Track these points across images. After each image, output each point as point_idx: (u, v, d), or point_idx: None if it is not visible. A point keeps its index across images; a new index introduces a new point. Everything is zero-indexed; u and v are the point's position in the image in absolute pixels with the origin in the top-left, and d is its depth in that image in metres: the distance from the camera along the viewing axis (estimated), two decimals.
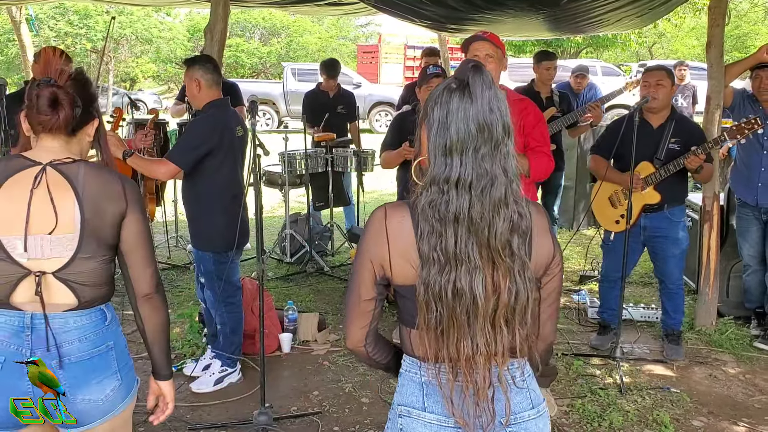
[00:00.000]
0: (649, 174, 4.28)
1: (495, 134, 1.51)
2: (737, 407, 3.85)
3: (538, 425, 1.65)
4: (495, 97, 1.53)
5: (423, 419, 1.61)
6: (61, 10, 26.32)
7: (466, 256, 1.50)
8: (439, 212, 1.51)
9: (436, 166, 1.53)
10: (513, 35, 10.95)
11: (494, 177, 1.51)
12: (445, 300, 1.51)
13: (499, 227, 1.51)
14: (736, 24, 26.21)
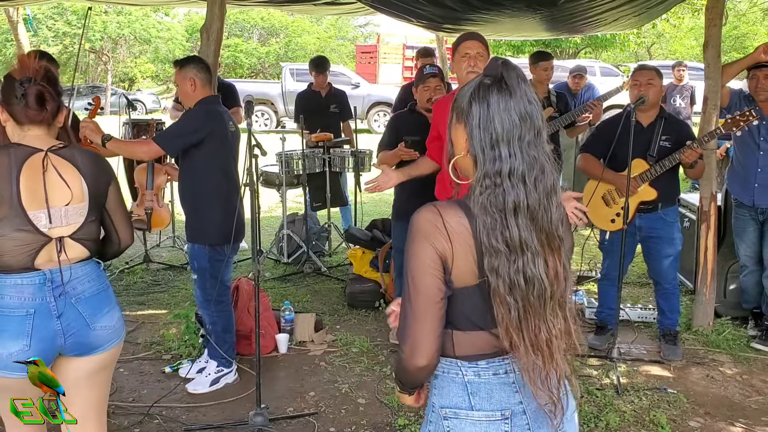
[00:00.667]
0: (644, 171, 4.28)
1: (537, 122, 1.57)
2: (734, 408, 3.84)
3: (569, 402, 1.70)
4: (529, 89, 1.60)
5: (471, 418, 1.62)
6: (59, 10, 26.32)
7: (529, 244, 1.55)
8: (498, 204, 1.54)
9: (486, 161, 1.56)
10: (511, 35, 10.96)
11: (543, 165, 1.57)
12: (519, 288, 1.54)
13: (554, 213, 1.58)
14: (734, 24, 26.25)
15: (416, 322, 1.58)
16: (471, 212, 1.57)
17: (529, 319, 1.55)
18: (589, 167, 4.49)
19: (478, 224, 1.55)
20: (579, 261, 6.67)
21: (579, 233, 7.54)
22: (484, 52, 3.42)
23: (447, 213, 1.57)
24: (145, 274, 6.11)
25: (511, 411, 1.61)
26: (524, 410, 1.62)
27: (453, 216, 1.57)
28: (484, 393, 1.61)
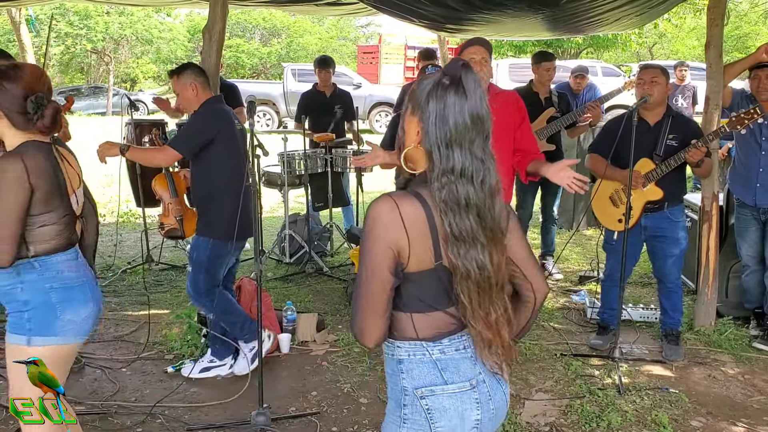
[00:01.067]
0: (650, 170, 4.29)
1: (486, 127, 1.71)
2: (736, 408, 3.84)
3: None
4: (484, 94, 1.72)
5: (447, 392, 1.74)
6: (61, 10, 26.32)
7: (478, 236, 1.69)
8: (453, 199, 1.67)
9: (442, 159, 1.68)
10: (512, 35, 10.96)
11: (489, 167, 1.71)
12: (474, 274, 1.69)
13: (497, 210, 1.72)
14: (736, 24, 26.23)
15: (366, 309, 1.71)
16: (425, 201, 1.69)
17: (482, 302, 1.72)
18: (597, 167, 4.49)
19: (436, 215, 1.68)
20: (581, 261, 6.68)
21: (582, 233, 7.56)
22: (488, 58, 3.51)
23: (403, 204, 1.68)
24: (147, 274, 6.12)
25: (476, 380, 1.78)
26: (483, 379, 1.79)
27: (409, 206, 1.68)
28: (452, 367, 1.76)
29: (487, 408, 1.79)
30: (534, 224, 7.10)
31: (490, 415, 1.80)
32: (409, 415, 1.76)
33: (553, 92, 6.05)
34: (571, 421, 3.66)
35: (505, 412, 1.89)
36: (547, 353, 4.53)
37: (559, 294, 5.79)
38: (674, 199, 4.41)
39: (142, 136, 6.30)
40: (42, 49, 25.92)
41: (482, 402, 1.78)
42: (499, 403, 1.83)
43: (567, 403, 3.84)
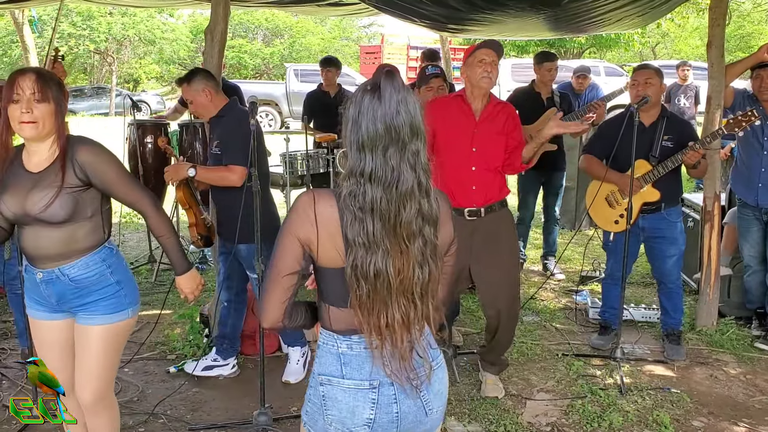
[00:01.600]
0: (647, 172, 4.29)
1: (402, 135, 1.69)
2: (738, 408, 3.84)
3: (438, 375, 1.89)
4: (403, 101, 1.70)
5: (342, 385, 1.80)
6: (64, 11, 26.34)
7: (381, 241, 1.69)
8: (359, 202, 1.69)
9: (352, 160, 1.71)
10: (514, 35, 10.95)
11: (401, 173, 1.68)
12: (369, 279, 1.70)
13: (405, 217, 1.70)
14: (739, 24, 26.19)
15: (267, 290, 1.82)
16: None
17: (374, 306, 1.72)
18: (591, 168, 4.49)
19: (344, 217, 1.72)
20: (582, 261, 6.68)
21: (584, 233, 7.55)
22: (497, 62, 3.61)
23: (320, 200, 1.75)
24: (149, 274, 6.13)
25: (380, 381, 1.79)
26: (392, 382, 1.79)
27: (325, 204, 1.74)
28: (356, 364, 1.80)
29: (387, 410, 1.80)
30: (536, 224, 7.10)
31: (391, 418, 1.80)
32: (311, 396, 1.86)
33: (555, 92, 6.06)
34: (572, 421, 3.66)
35: (425, 420, 1.86)
36: (548, 353, 4.53)
37: (561, 294, 5.79)
38: (671, 200, 4.41)
39: (145, 137, 6.30)
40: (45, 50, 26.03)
41: (381, 404, 1.79)
42: (408, 410, 1.82)
43: (568, 403, 3.84)
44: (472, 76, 3.63)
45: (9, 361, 4.26)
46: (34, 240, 2.52)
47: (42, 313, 2.65)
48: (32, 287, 2.63)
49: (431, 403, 1.86)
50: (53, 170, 2.50)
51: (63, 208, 2.47)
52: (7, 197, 2.49)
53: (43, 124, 2.44)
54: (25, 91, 2.40)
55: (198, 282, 2.93)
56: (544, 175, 6.10)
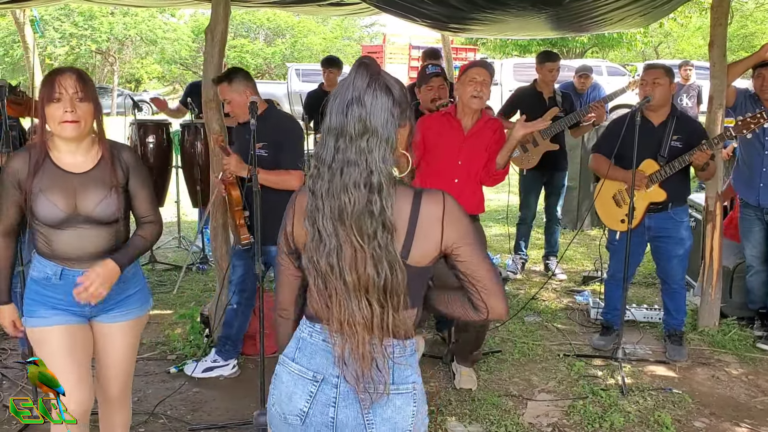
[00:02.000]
0: (654, 172, 4.27)
1: (348, 128, 1.65)
2: (739, 408, 3.82)
3: (395, 402, 1.73)
4: (362, 93, 1.65)
5: (289, 368, 1.79)
6: (66, 11, 26.40)
7: (332, 232, 1.66)
8: (313, 189, 1.69)
9: (318, 145, 1.73)
10: (516, 35, 10.94)
11: (348, 163, 1.64)
12: (321, 270, 1.69)
13: (349, 207, 1.63)
14: (742, 23, 26.13)
15: (277, 285, 1.91)
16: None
17: (335, 299, 1.69)
18: (601, 167, 4.47)
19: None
20: (584, 261, 6.67)
21: (586, 233, 7.54)
22: (489, 81, 3.74)
23: (300, 194, 1.80)
24: (150, 274, 6.12)
25: (323, 377, 1.74)
26: (337, 384, 1.73)
27: (303, 196, 1.76)
28: (308, 352, 1.77)
29: (322, 411, 1.73)
30: (538, 224, 7.09)
31: (325, 421, 1.72)
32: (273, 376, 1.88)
33: (557, 92, 6.05)
34: (573, 421, 3.65)
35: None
36: (550, 354, 4.52)
37: (562, 294, 5.77)
38: (678, 200, 4.40)
39: (146, 137, 6.30)
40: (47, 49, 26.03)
41: (317, 400, 1.73)
42: (346, 421, 1.72)
43: (570, 403, 3.83)
44: (463, 94, 3.76)
45: (9, 362, 4.25)
46: (78, 240, 2.50)
47: (60, 317, 2.56)
48: (63, 293, 2.54)
49: (375, 426, 1.72)
50: (103, 169, 2.53)
51: (119, 208, 2.54)
52: (57, 196, 2.46)
53: (85, 123, 2.45)
54: (67, 90, 2.39)
55: (105, 282, 2.49)
56: (546, 174, 6.09)
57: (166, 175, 6.49)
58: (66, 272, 2.53)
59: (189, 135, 6.23)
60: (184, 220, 7.66)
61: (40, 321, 2.57)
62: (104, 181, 2.51)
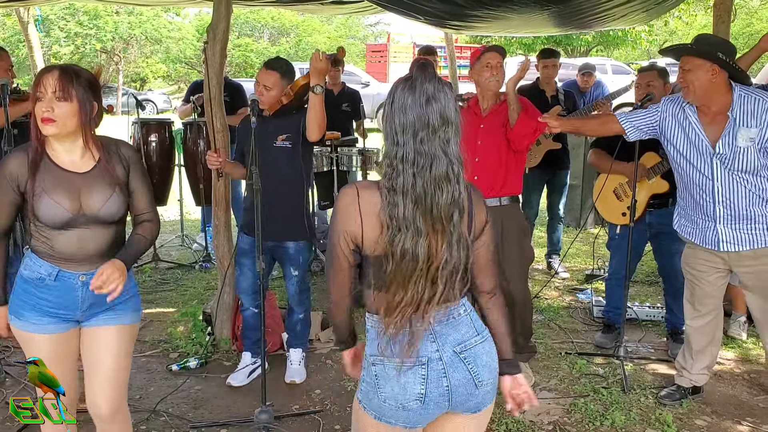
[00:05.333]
0: (656, 163, 4.26)
1: (431, 121, 1.81)
2: (741, 407, 3.81)
3: (485, 348, 1.97)
4: (436, 90, 1.83)
5: (392, 363, 1.90)
6: (71, 10, 26.45)
7: (411, 223, 1.79)
8: (391, 184, 1.82)
9: (387, 147, 1.85)
10: (519, 32, 10.91)
11: (433, 157, 1.80)
12: (395, 257, 1.81)
13: (441, 199, 1.81)
14: (747, 21, 26.02)
15: (332, 284, 1.98)
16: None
17: (391, 285, 1.84)
18: (600, 162, 4.47)
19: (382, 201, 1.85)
20: (587, 260, 6.65)
21: (588, 232, 7.53)
22: (502, 64, 3.84)
23: (363, 193, 1.88)
24: (153, 272, 6.14)
25: (428, 357, 1.89)
26: (440, 357, 1.90)
27: (368, 196, 1.87)
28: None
29: (437, 384, 1.89)
30: (540, 222, 7.08)
31: (442, 392, 1.90)
32: (365, 377, 1.98)
33: (559, 90, 6.04)
34: (575, 419, 3.64)
35: (475, 393, 1.94)
36: (551, 352, 4.52)
37: (564, 292, 5.77)
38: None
39: (149, 135, 6.32)
40: (52, 48, 26.08)
41: (431, 378, 1.89)
42: (458, 383, 1.91)
43: (571, 401, 3.83)
44: (480, 79, 3.87)
45: (13, 359, 4.27)
46: (80, 241, 2.46)
47: (52, 326, 2.53)
48: (55, 296, 2.50)
49: (480, 375, 1.93)
50: (103, 168, 2.50)
51: (121, 206, 2.53)
52: (61, 196, 2.42)
53: (64, 123, 2.40)
54: (47, 90, 2.38)
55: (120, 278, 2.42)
56: (549, 173, 6.08)
57: (169, 174, 6.51)
58: (62, 273, 2.48)
59: (191, 133, 6.25)
60: (187, 218, 7.68)
61: (27, 326, 2.52)
62: (107, 179, 2.49)
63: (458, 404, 1.94)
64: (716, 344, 3.87)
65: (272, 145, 3.86)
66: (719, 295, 3.75)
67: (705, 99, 3.40)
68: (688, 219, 3.66)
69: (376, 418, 1.96)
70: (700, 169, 3.47)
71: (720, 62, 3.32)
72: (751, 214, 3.41)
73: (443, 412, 1.95)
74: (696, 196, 3.54)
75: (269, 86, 3.87)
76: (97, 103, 2.51)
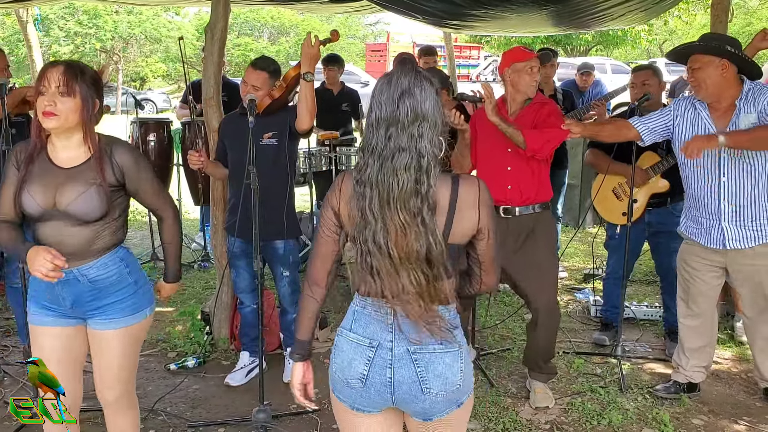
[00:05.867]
0: (655, 163, 4.26)
1: (401, 116, 1.83)
2: (738, 406, 3.82)
3: (444, 359, 1.94)
4: (411, 85, 1.84)
5: (347, 337, 2.00)
6: (70, 10, 26.45)
7: (373, 212, 1.85)
8: (360, 174, 1.88)
9: (363, 140, 1.92)
10: (517, 31, 10.90)
11: (399, 149, 1.83)
12: (368, 248, 1.87)
13: (397, 190, 1.82)
14: (747, 21, 26.02)
15: (312, 256, 2.05)
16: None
17: (384, 275, 1.88)
18: (598, 162, 4.47)
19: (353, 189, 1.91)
20: (585, 259, 6.66)
21: (587, 231, 7.53)
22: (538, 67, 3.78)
23: (347, 177, 1.95)
24: (152, 272, 6.14)
25: (379, 342, 1.94)
26: (392, 348, 1.93)
27: (349, 179, 1.93)
28: (363, 322, 1.98)
29: (380, 372, 1.93)
30: None
31: (384, 381, 1.94)
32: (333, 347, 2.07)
33: (557, 90, 6.04)
34: (572, 418, 3.65)
35: (421, 397, 1.93)
36: None
37: (562, 292, 5.77)
38: (678, 195, 4.39)
39: (147, 135, 6.32)
40: (51, 48, 26.08)
41: (375, 364, 1.94)
42: (402, 380, 1.92)
43: (568, 400, 3.84)
44: (520, 82, 3.72)
45: (11, 359, 4.27)
46: (56, 237, 2.45)
47: (50, 318, 2.57)
48: (42, 290, 2.55)
49: (428, 381, 1.92)
50: (90, 167, 2.49)
51: (100, 207, 2.46)
52: (36, 190, 2.44)
53: (66, 118, 2.41)
54: (50, 84, 2.39)
55: (174, 292, 2.95)
56: None
57: (168, 173, 6.51)
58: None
59: (190, 132, 6.25)
60: (186, 218, 7.68)
61: (33, 318, 2.59)
62: (86, 177, 2.47)
63: (402, 402, 1.96)
64: (711, 345, 3.89)
65: (258, 143, 3.84)
66: (713, 296, 3.76)
67: (716, 95, 3.44)
68: (694, 220, 3.69)
69: (332, 390, 2.05)
70: (707, 165, 3.50)
71: (729, 55, 3.35)
72: (757, 208, 3.46)
73: (388, 405, 1.98)
74: (701, 197, 3.58)
75: (258, 86, 3.86)
76: (99, 100, 2.52)
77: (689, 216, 3.74)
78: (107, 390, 2.67)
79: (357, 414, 2.02)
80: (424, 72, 1.90)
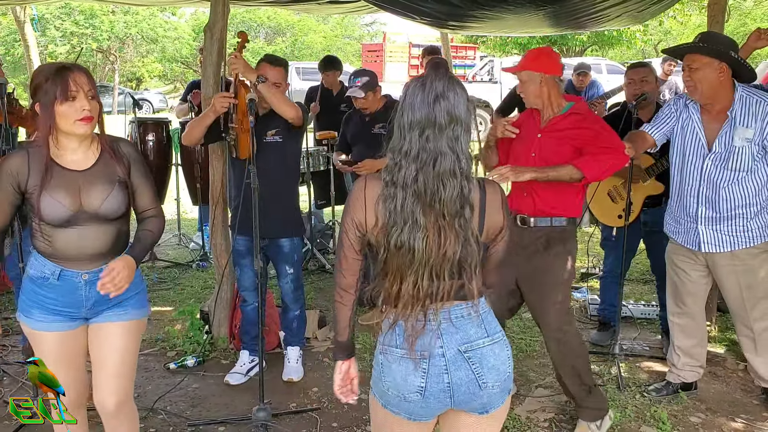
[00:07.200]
0: (650, 165, 4.28)
1: (438, 119, 1.85)
2: (735, 404, 3.84)
3: (494, 350, 1.97)
4: (445, 89, 1.86)
5: (395, 354, 1.95)
6: (66, 10, 26.41)
7: (410, 216, 1.84)
8: (392, 176, 1.87)
9: (393, 141, 1.90)
10: (514, 32, 10.95)
11: (439, 153, 1.84)
12: (390, 248, 1.87)
13: (445, 195, 1.84)
14: (742, 22, 26.10)
15: (338, 264, 2.03)
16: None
17: (390, 273, 1.89)
18: None
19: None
20: (582, 258, 6.67)
21: (583, 230, 7.55)
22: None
23: (370, 185, 1.94)
24: (150, 271, 6.15)
25: (430, 353, 1.92)
26: (443, 353, 1.92)
27: (374, 188, 1.92)
28: (400, 331, 1.94)
29: (437, 380, 1.92)
30: None
31: (442, 388, 1.92)
32: (375, 363, 2.04)
33: None
34: (570, 416, 3.66)
35: (479, 393, 1.94)
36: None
37: None
38: None
39: (146, 135, 6.33)
40: (48, 48, 26.03)
41: (431, 374, 1.92)
42: (460, 381, 1.92)
43: (566, 399, 3.85)
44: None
45: (10, 358, 4.28)
46: (80, 240, 2.45)
47: (58, 323, 2.54)
48: (59, 295, 2.51)
49: (484, 376, 1.93)
50: (105, 165, 2.50)
51: (124, 202, 2.51)
52: (61, 194, 2.42)
53: (95, 122, 2.45)
54: (83, 87, 2.38)
55: (129, 276, 2.45)
56: None
57: (166, 173, 6.53)
58: (65, 273, 2.48)
59: None
60: (184, 217, 7.70)
61: (35, 324, 2.54)
62: (108, 176, 2.49)
63: (462, 402, 1.95)
64: (703, 345, 3.90)
65: (262, 141, 3.85)
66: (702, 296, 3.77)
67: (711, 97, 3.43)
68: (674, 219, 3.70)
69: (384, 406, 2.01)
70: (691, 167, 3.51)
71: (730, 60, 3.35)
72: (733, 215, 3.45)
73: (447, 408, 1.97)
74: (682, 196, 3.59)
75: (278, 82, 3.87)
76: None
77: (670, 213, 3.75)
78: (108, 392, 2.63)
79: (411, 423, 2.00)
80: (455, 77, 1.93)
